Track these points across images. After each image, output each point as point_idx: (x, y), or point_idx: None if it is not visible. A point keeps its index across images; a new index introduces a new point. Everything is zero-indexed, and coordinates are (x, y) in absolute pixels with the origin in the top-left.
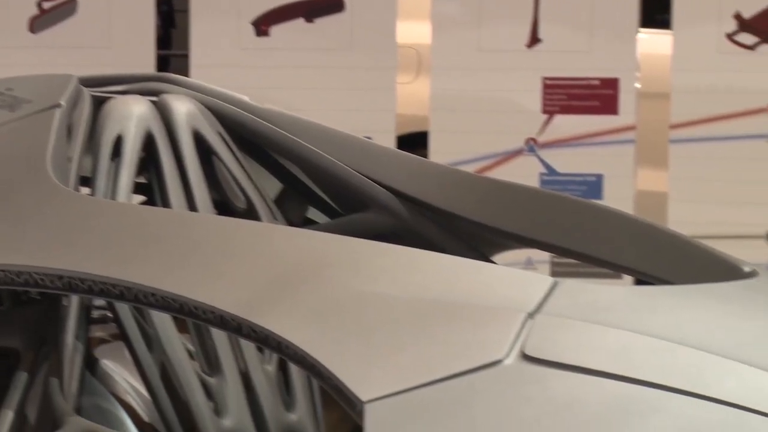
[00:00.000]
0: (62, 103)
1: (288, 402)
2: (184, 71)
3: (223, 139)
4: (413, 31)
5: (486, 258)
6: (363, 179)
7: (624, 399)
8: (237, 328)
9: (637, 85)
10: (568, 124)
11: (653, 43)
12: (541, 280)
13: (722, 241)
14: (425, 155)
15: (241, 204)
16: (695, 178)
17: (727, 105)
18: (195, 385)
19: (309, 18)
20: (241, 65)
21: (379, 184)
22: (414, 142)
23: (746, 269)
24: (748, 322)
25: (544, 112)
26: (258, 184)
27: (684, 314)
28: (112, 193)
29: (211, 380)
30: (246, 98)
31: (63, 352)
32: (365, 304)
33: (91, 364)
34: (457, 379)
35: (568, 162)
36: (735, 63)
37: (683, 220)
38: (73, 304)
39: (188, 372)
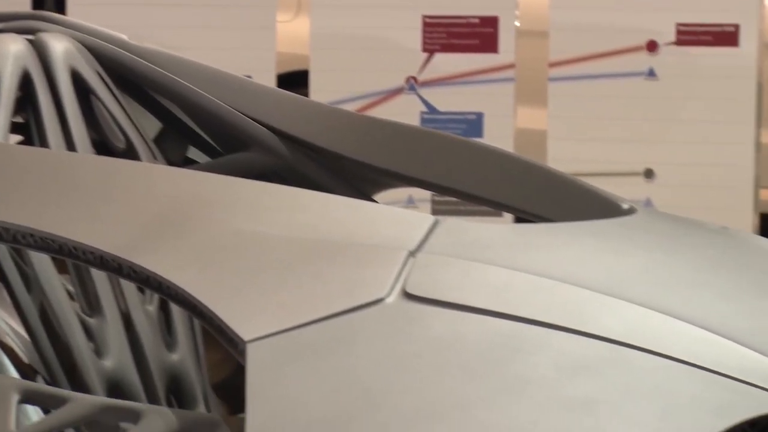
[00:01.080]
0: None
1: (169, 342)
2: (61, 10)
3: (102, 78)
4: None
5: (368, 197)
6: (243, 118)
7: (505, 336)
8: (117, 268)
9: (516, 24)
10: (448, 62)
11: None
12: (423, 218)
13: (601, 179)
14: (306, 94)
15: (120, 144)
16: (574, 116)
17: (605, 43)
18: (75, 326)
19: None
20: (119, 3)
21: (260, 123)
22: (294, 81)
23: (624, 206)
24: (626, 259)
25: (425, 50)
26: (137, 124)
27: (564, 252)
28: None
29: (92, 321)
30: (124, 37)
31: None
32: (247, 244)
33: None
34: (339, 318)
35: (449, 100)
36: (613, 1)
37: (562, 157)
38: None
39: (68, 313)
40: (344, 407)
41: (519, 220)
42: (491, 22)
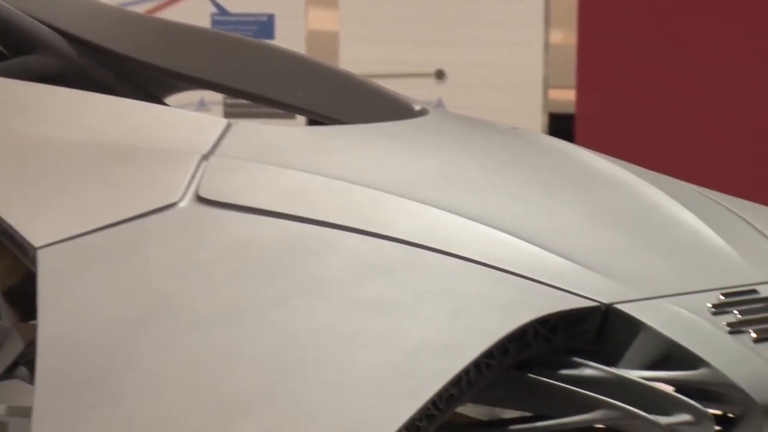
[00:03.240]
0: None
1: None
2: None
3: None
4: None
5: (158, 100)
6: (29, 20)
7: (300, 239)
8: None
9: None
10: None
11: None
12: (215, 121)
13: (393, 80)
14: None
15: None
16: (365, 16)
17: None
18: None
19: None
20: None
21: (47, 25)
22: None
23: (416, 108)
24: (419, 161)
25: None
26: None
27: (357, 154)
28: None
29: None
30: None
31: None
32: (35, 149)
33: None
34: (131, 223)
35: (239, 2)
36: None
37: (354, 59)
38: None
39: None
40: (138, 312)
41: (312, 122)
42: None
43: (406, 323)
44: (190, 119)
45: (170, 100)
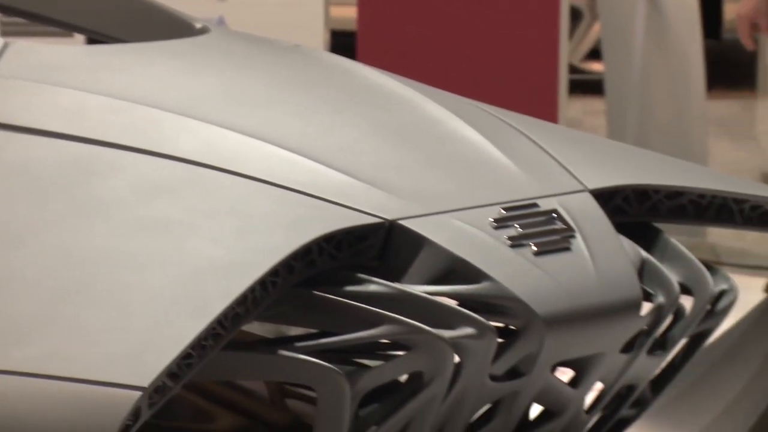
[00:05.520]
0: None
1: None
2: None
3: None
4: None
5: None
6: None
7: (79, 159)
8: None
9: None
10: None
11: None
12: None
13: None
14: None
15: None
16: None
17: None
18: None
19: None
20: None
21: None
22: None
23: (197, 26)
24: (201, 79)
25: None
26: None
27: (138, 72)
28: None
29: None
30: None
31: None
32: None
33: None
34: None
35: None
36: None
37: None
38: None
39: None
40: None
41: (91, 41)
42: None
43: (190, 242)
44: None
45: None
